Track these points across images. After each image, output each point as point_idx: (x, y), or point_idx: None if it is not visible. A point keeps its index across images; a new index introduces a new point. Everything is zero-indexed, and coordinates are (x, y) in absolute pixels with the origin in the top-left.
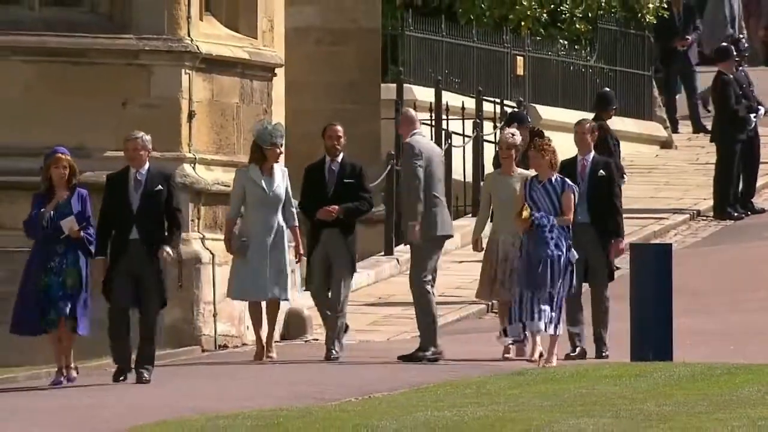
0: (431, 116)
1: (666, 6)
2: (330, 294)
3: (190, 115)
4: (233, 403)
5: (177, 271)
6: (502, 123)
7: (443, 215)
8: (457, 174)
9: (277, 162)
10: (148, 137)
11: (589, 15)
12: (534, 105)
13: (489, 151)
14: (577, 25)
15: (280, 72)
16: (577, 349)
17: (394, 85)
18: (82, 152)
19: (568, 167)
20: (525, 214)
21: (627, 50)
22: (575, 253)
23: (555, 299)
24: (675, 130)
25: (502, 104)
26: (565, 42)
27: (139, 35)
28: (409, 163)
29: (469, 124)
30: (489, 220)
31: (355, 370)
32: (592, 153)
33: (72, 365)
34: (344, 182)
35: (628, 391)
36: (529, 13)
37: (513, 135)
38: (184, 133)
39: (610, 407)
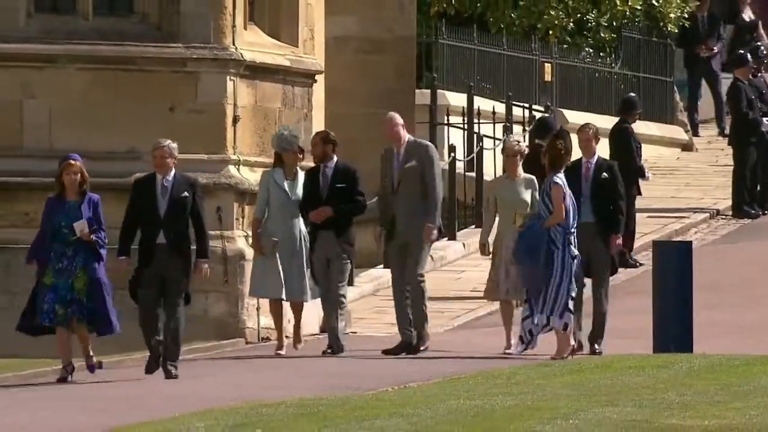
0: (464, 120)
1: (687, 16)
2: (324, 304)
3: (235, 120)
4: (276, 393)
5: (223, 268)
6: (531, 127)
7: None
8: (488, 175)
9: (296, 165)
10: (174, 145)
11: (614, 24)
12: (561, 109)
13: None
14: (602, 34)
15: (321, 78)
16: (596, 349)
17: (429, 90)
18: (133, 155)
19: (573, 170)
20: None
21: (650, 57)
22: (574, 249)
23: (560, 294)
24: (695, 134)
25: (530, 109)
26: (591, 50)
27: (187, 44)
28: (436, 165)
29: (499, 127)
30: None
31: (391, 362)
32: (596, 156)
33: (94, 358)
34: (337, 186)
35: (650, 382)
36: (556, 22)
37: (519, 142)
38: (229, 136)
39: (633, 396)
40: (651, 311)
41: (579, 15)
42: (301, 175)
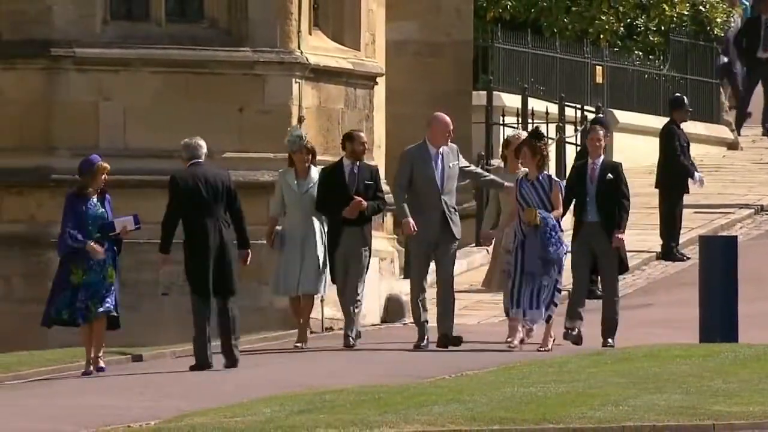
0: (518, 120)
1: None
2: (347, 288)
3: (300, 120)
4: (338, 380)
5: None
6: (583, 126)
7: None
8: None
9: (306, 165)
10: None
11: (662, 28)
12: (611, 110)
13: (570, 152)
14: (651, 38)
15: (381, 81)
16: (574, 332)
17: (485, 92)
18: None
19: (579, 170)
20: (538, 219)
21: (697, 60)
22: (567, 246)
23: (549, 288)
24: (739, 133)
25: (582, 109)
26: (640, 53)
27: (255, 48)
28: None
29: (552, 127)
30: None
31: (447, 352)
32: (602, 157)
33: (101, 356)
34: (366, 183)
35: (696, 370)
36: (607, 26)
37: (521, 137)
38: None
39: (680, 384)
40: (697, 303)
41: (629, 20)
42: (313, 174)
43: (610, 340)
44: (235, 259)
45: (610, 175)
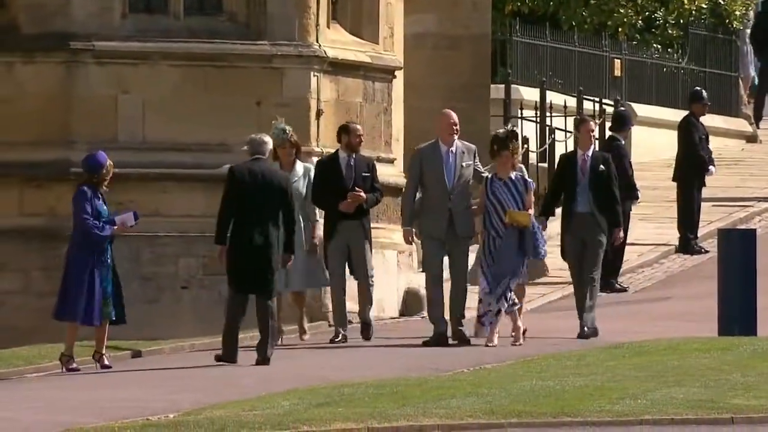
0: (536, 114)
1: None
2: (357, 282)
3: (318, 113)
4: (356, 373)
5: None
6: (602, 120)
7: None
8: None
9: (291, 159)
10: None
11: (681, 21)
12: (630, 103)
13: None
14: (670, 31)
15: (400, 74)
16: (586, 329)
17: (503, 85)
18: (224, 147)
19: (569, 162)
20: (526, 221)
21: (715, 53)
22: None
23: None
24: (758, 126)
25: (601, 103)
26: (659, 46)
27: (273, 42)
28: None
29: (570, 120)
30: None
31: (468, 345)
32: (593, 149)
33: (106, 354)
34: (363, 176)
35: (715, 363)
36: (625, 20)
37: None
38: (312, 129)
39: (699, 377)
40: (716, 296)
41: (647, 13)
42: (298, 169)
43: (586, 328)
44: (278, 261)
45: (602, 166)
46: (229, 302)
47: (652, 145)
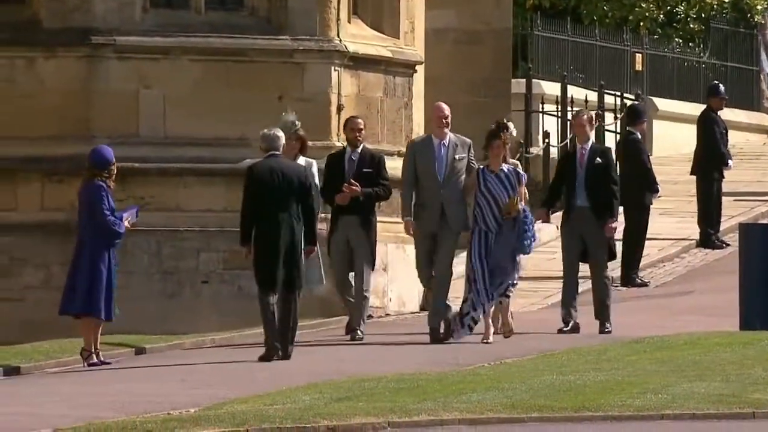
0: (557, 108)
1: None
2: (354, 279)
3: (339, 108)
4: (376, 367)
5: (327, 249)
6: (622, 114)
7: None
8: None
9: (291, 154)
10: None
11: (702, 15)
12: (651, 98)
13: (610, 140)
14: (691, 25)
15: (420, 69)
16: (570, 323)
17: (524, 80)
18: (244, 142)
19: (568, 155)
20: (517, 207)
21: (737, 47)
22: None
23: (506, 283)
24: None
25: (622, 97)
26: (680, 40)
27: (294, 36)
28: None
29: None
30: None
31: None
32: (591, 141)
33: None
34: (363, 171)
35: (737, 358)
36: (647, 14)
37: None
38: (333, 123)
39: (720, 372)
40: (737, 290)
41: (669, 7)
42: (300, 163)
43: (607, 324)
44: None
45: (599, 159)
46: (260, 301)
47: (673, 140)
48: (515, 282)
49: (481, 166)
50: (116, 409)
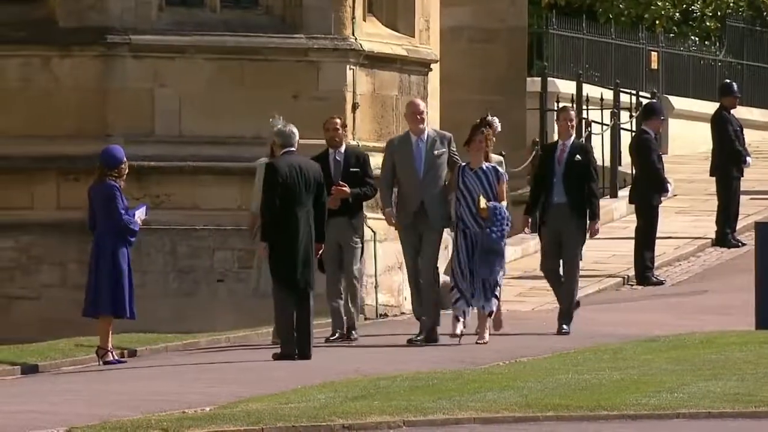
0: (573, 107)
1: None
2: (344, 280)
3: (354, 107)
4: (392, 366)
5: None
6: (638, 113)
7: None
8: (596, 159)
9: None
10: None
11: (719, 14)
12: (667, 96)
13: (625, 138)
14: (708, 23)
15: (436, 67)
16: (564, 328)
17: (539, 78)
18: (259, 140)
19: (547, 151)
20: (483, 206)
21: (753, 45)
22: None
23: (493, 280)
24: None
25: (637, 95)
26: (696, 38)
27: (309, 35)
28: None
29: (607, 113)
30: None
31: (503, 338)
32: (572, 138)
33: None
34: (350, 171)
35: (752, 357)
36: (663, 12)
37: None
38: (348, 122)
39: (736, 371)
40: (753, 289)
41: (685, 5)
42: None
43: (565, 326)
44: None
45: (578, 156)
46: (278, 301)
47: (689, 138)
48: (499, 282)
49: (462, 163)
50: (131, 408)
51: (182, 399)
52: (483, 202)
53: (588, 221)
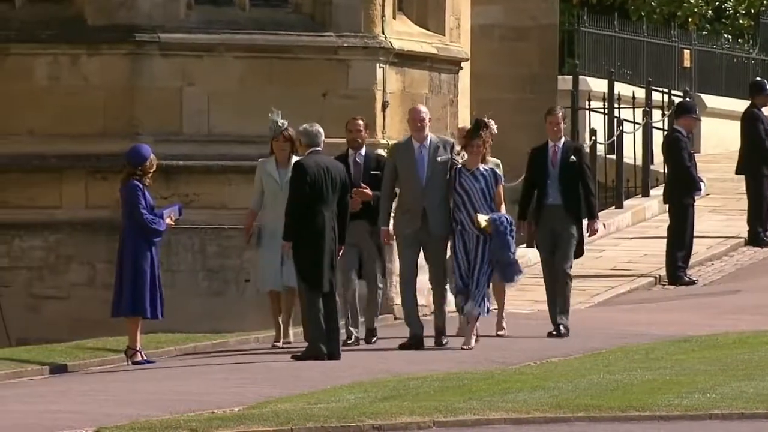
0: (604, 105)
1: None
2: (367, 284)
3: (384, 105)
4: (422, 366)
5: None
6: (671, 111)
7: None
8: (627, 158)
9: (286, 153)
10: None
11: (752, 11)
12: (699, 94)
13: (657, 137)
14: (740, 21)
15: (466, 65)
16: (562, 328)
17: (571, 76)
18: None
19: (539, 153)
20: (485, 224)
21: None
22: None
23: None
24: None
25: (669, 94)
26: (729, 36)
27: (339, 33)
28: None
29: (639, 112)
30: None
31: (533, 338)
32: (563, 140)
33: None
34: (371, 173)
35: None
36: (695, 9)
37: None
38: (378, 121)
39: None
40: None
41: (717, 3)
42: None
43: (562, 326)
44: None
45: (573, 157)
46: (308, 302)
47: (722, 137)
48: (515, 281)
49: (458, 165)
50: (160, 408)
51: (211, 399)
52: (482, 220)
53: (587, 221)
